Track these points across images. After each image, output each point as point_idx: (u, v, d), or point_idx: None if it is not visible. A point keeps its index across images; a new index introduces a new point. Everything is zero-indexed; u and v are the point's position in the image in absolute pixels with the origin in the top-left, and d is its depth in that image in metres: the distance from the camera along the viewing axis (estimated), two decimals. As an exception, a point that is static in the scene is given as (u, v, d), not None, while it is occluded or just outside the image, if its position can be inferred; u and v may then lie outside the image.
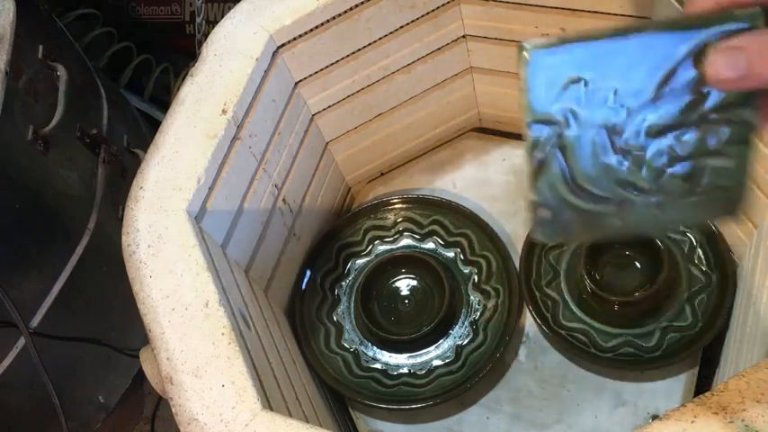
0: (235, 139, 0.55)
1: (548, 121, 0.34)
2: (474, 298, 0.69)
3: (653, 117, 0.34)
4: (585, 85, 0.34)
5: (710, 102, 0.34)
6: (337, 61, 0.65)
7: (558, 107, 0.34)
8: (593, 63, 0.33)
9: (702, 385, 0.64)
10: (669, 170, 0.35)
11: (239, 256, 0.58)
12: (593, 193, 0.36)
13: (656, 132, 0.35)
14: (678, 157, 0.35)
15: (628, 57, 0.33)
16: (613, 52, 0.33)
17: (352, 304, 0.70)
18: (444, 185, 0.79)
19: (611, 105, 0.34)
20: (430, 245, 0.73)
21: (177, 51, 1.30)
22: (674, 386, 0.64)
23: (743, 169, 0.35)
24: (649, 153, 0.35)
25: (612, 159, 0.35)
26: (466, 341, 0.67)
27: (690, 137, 0.35)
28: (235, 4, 0.61)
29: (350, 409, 0.69)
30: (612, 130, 0.35)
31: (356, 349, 0.68)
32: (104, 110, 0.98)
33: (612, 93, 0.34)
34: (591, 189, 0.36)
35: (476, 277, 0.70)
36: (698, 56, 0.33)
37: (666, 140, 0.35)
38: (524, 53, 0.33)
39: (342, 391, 0.66)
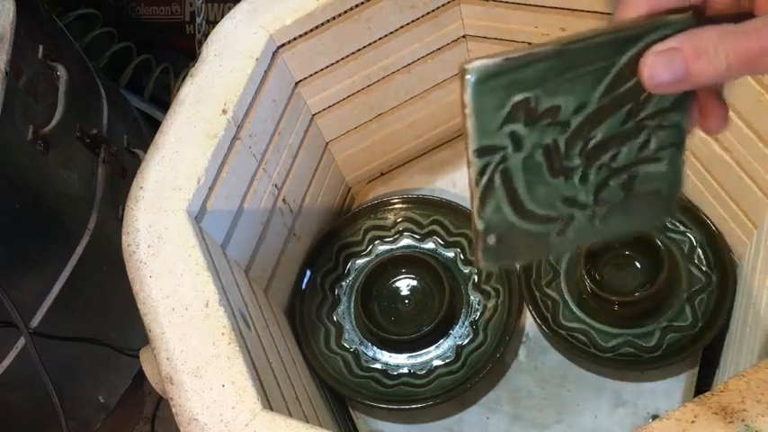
0: (235, 139, 0.55)
1: (493, 147, 0.32)
2: (474, 298, 0.69)
3: (597, 131, 0.33)
4: (530, 105, 0.32)
5: (648, 109, 0.33)
6: (337, 61, 0.65)
7: (504, 131, 0.32)
8: (538, 81, 0.32)
9: (702, 385, 0.64)
10: (610, 183, 0.35)
11: (239, 256, 0.58)
12: (540, 215, 0.35)
13: (599, 147, 0.34)
14: (617, 169, 0.34)
15: (572, 70, 0.32)
16: (559, 68, 0.32)
17: (352, 304, 0.70)
18: (444, 185, 0.79)
19: (556, 123, 0.33)
20: (430, 245, 0.73)
21: (177, 51, 1.30)
22: (674, 386, 0.64)
23: (677, 172, 0.35)
24: (592, 168, 0.34)
25: (558, 178, 0.34)
26: (466, 341, 0.67)
27: (628, 147, 0.34)
28: (235, 4, 0.61)
29: (350, 409, 0.69)
30: (557, 150, 0.33)
31: (356, 349, 0.68)
32: (104, 110, 0.98)
33: (557, 110, 0.32)
34: (537, 211, 0.34)
35: (476, 277, 0.70)
36: (635, 63, 0.32)
37: (608, 154, 0.34)
38: (467, 76, 0.31)
39: (342, 391, 0.66)
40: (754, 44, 0.28)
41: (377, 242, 0.74)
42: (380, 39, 0.65)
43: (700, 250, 0.67)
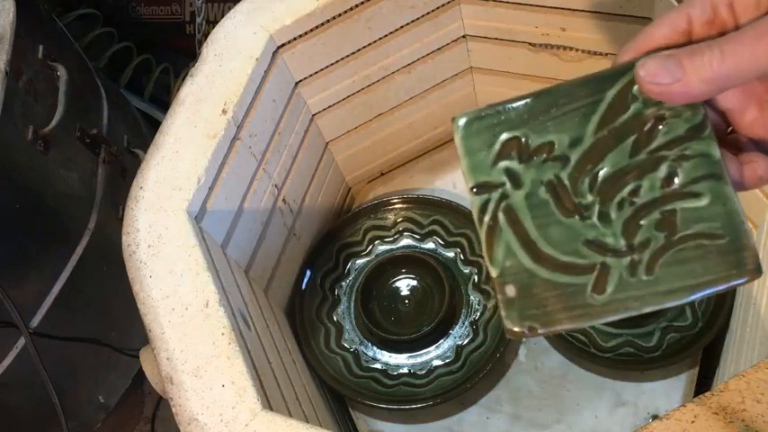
0: (235, 139, 0.55)
1: (490, 184, 0.33)
2: (474, 298, 0.69)
3: (603, 164, 0.32)
4: (521, 142, 0.32)
5: (659, 139, 0.32)
6: (337, 61, 0.65)
7: (499, 168, 0.33)
8: (523, 120, 0.32)
9: (702, 385, 0.64)
10: (640, 222, 0.32)
11: (239, 256, 0.58)
12: (563, 261, 0.32)
13: (611, 180, 0.32)
14: (643, 206, 0.32)
15: (556, 108, 0.32)
16: (541, 107, 0.32)
17: (352, 304, 0.70)
18: (444, 185, 0.79)
19: (552, 158, 0.32)
20: (430, 245, 0.73)
21: (177, 51, 1.30)
22: (674, 386, 0.64)
23: (730, 210, 0.31)
24: (611, 205, 0.32)
25: (572, 217, 0.32)
26: (466, 341, 0.67)
27: (648, 181, 0.32)
28: (235, 4, 0.61)
29: (350, 409, 0.69)
30: (561, 186, 0.32)
31: (356, 349, 0.68)
32: (104, 110, 0.98)
33: (551, 146, 0.32)
34: (556, 256, 0.32)
35: (476, 277, 0.70)
36: (626, 96, 0.31)
37: (626, 188, 0.32)
38: (456, 122, 0.33)
39: (342, 391, 0.66)
40: (750, 36, 0.28)
41: (377, 242, 0.74)
42: (380, 39, 0.65)
43: (700, 250, 0.67)
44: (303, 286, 0.71)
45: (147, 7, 1.30)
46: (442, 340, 0.67)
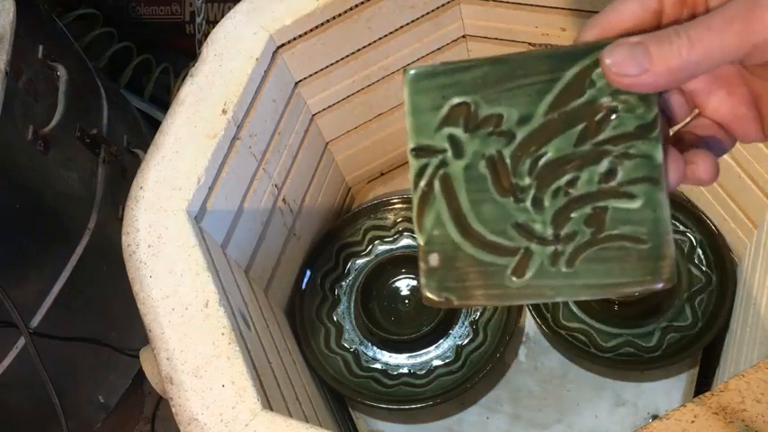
0: (235, 139, 0.55)
1: (432, 148, 0.32)
2: (474, 298, 0.69)
3: (547, 148, 0.31)
4: (470, 110, 0.31)
5: (607, 132, 0.30)
6: (337, 61, 0.65)
7: (443, 133, 0.31)
8: (475, 86, 0.31)
9: (702, 385, 0.64)
10: (571, 214, 0.31)
11: (239, 256, 0.58)
12: (489, 240, 0.31)
13: (552, 166, 0.31)
14: (577, 198, 0.31)
15: (511, 80, 0.31)
16: (497, 75, 0.31)
17: (352, 304, 0.70)
18: (444, 185, 0.79)
19: (497, 133, 0.31)
20: (430, 245, 0.73)
21: (177, 51, 1.30)
22: (674, 386, 0.64)
23: (658, 217, 0.30)
24: (547, 192, 0.31)
25: (506, 198, 0.31)
26: (466, 341, 0.67)
27: (588, 173, 0.31)
28: (235, 4, 0.61)
29: (350, 410, 0.69)
30: (502, 163, 0.31)
31: (356, 349, 0.68)
32: (104, 110, 0.98)
33: (499, 119, 0.31)
34: (485, 234, 0.31)
35: (476, 277, 0.70)
36: (583, 80, 0.30)
37: (564, 177, 0.31)
38: (405, 76, 0.32)
39: (342, 392, 0.66)
40: (719, 21, 0.27)
41: (377, 242, 0.74)
42: (380, 39, 0.65)
43: (699, 250, 0.67)
44: (303, 286, 0.71)
45: (147, 7, 1.30)
46: (441, 340, 0.67)
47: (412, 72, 0.32)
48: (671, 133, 0.33)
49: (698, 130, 0.33)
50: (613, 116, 0.30)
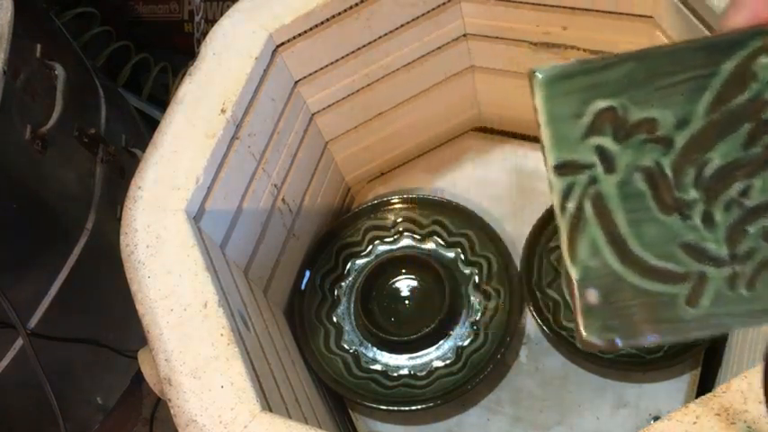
0: (234, 138, 0.55)
1: (577, 163, 0.27)
2: (474, 299, 0.69)
3: (711, 155, 0.27)
4: (617, 115, 0.27)
5: None
6: (337, 60, 0.64)
7: (589, 144, 0.27)
8: (620, 87, 0.27)
9: (704, 386, 0.64)
10: (747, 228, 0.27)
11: (238, 256, 0.58)
12: (655, 267, 0.27)
13: (720, 175, 0.27)
14: (753, 209, 0.27)
15: (661, 78, 0.27)
16: (644, 72, 0.27)
17: (352, 305, 0.70)
18: (444, 185, 0.79)
19: (653, 140, 0.27)
20: (430, 245, 0.73)
21: (176, 50, 1.30)
22: (676, 387, 0.63)
23: None
24: (718, 205, 0.27)
25: (671, 215, 0.27)
26: (466, 342, 0.67)
27: (762, 180, 0.27)
28: (233, 3, 0.60)
29: (349, 411, 0.68)
30: (662, 175, 0.27)
31: (356, 350, 0.68)
32: (102, 109, 0.97)
33: (653, 123, 0.27)
34: (650, 260, 0.27)
35: (476, 278, 0.70)
36: (744, 74, 0.27)
37: (735, 187, 0.27)
38: (536, 79, 0.27)
39: (341, 393, 0.65)
40: None
41: (377, 242, 0.73)
42: (380, 37, 0.65)
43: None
44: (302, 287, 0.71)
45: (146, 6, 1.29)
46: (442, 341, 0.67)
47: (543, 73, 0.27)
48: None
49: None
50: None
